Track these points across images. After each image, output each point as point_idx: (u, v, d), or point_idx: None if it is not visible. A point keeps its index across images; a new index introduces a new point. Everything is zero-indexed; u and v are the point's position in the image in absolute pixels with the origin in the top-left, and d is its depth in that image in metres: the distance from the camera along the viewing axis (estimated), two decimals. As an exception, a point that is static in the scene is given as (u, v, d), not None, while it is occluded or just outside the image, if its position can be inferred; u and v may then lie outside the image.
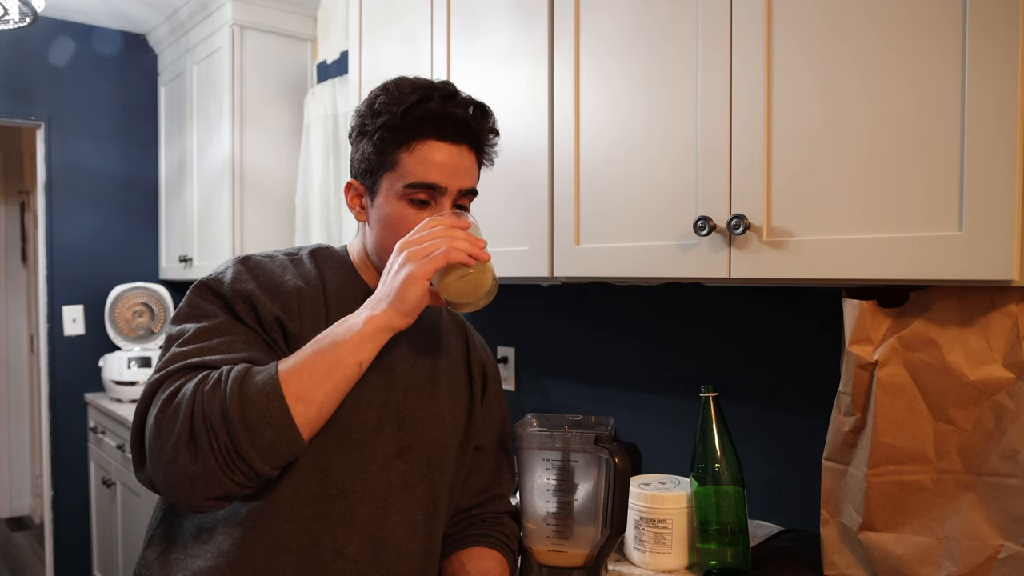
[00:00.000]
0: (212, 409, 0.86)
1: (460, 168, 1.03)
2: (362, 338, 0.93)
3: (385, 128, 1.02)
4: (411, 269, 0.93)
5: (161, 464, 0.88)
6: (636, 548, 1.22)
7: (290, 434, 0.88)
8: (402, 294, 0.93)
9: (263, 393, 0.87)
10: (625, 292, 1.73)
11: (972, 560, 0.98)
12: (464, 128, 1.03)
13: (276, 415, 0.87)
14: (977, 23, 0.88)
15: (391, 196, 1.03)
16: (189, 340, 0.95)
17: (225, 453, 0.86)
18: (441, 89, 1.03)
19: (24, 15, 2.22)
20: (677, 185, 1.20)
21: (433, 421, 1.10)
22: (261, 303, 0.98)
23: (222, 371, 0.89)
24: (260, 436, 0.87)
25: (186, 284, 3.31)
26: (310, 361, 0.91)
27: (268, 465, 0.89)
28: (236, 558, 0.94)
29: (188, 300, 1.00)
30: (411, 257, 0.94)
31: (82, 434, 3.24)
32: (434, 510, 1.10)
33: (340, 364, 0.92)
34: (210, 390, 0.87)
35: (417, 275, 0.93)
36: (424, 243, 0.95)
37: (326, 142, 2.60)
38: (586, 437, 1.20)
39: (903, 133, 0.96)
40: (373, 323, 0.93)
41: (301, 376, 0.90)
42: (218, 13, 2.80)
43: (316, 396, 0.90)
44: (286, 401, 0.88)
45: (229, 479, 0.87)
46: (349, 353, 0.92)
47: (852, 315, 1.05)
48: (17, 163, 4.77)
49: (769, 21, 1.08)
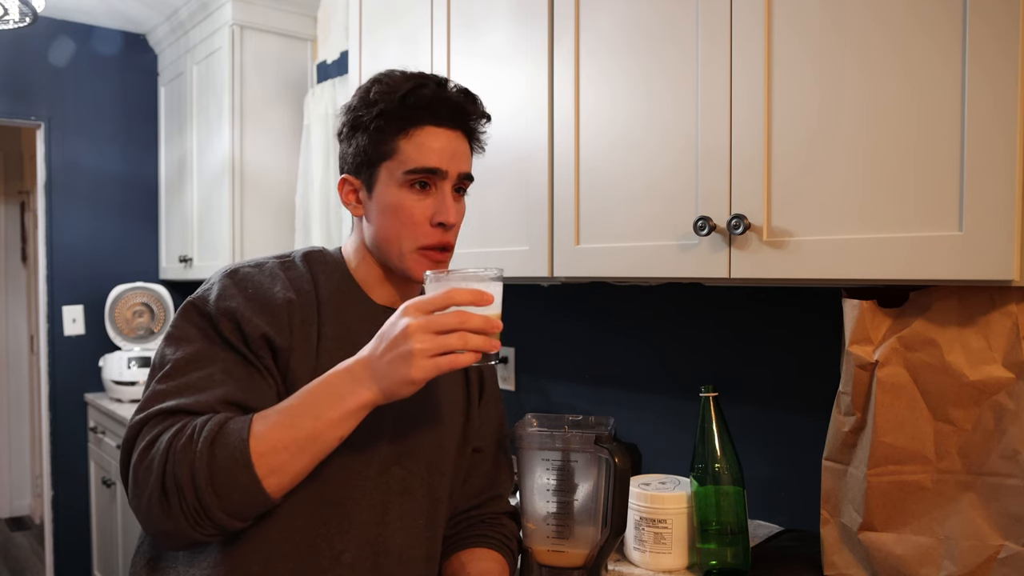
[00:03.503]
0: (182, 471, 0.84)
1: (458, 152, 1.04)
2: (346, 415, 0.87)
3: (382, 116, 1.01)
4: (411, 370, 0.85)
5: (139, 513, 0.88)
6: (636, 548, 1.22)
7: (260, 498, 0.86)
8: (395, 387, 0.87)
9: (232, 460, 0.85)
10: (625, 292, 1.73)
11: (972, 560, 0.98)
12: (459, 113, 1.04)
13: (245, 482, 0.85)
14: (977, 23, 0.88)
15: (391, 184, 1.02)
16: (169, 374, 0.94)
17: (194, 514, 0.85)
18: (433, 77, 1.04)
19: (24, 15, 2.22)
20: (677, 185, 1.20)
21: (431, 425, 1.09)
22: (246, 320, 0.96)
23: (195, 427, 0.87)
24: (228, 500, 0.85)
25: (186, 284, 3.32)
26: (288, 434, 0.86)
27: (238, 522, 0.88)
28: (231, 567, 0.94)
29: (175, 322, 0.99)
30: (416, 351, 0.84)
31: (82, 434, 3.24)
32: (435, 514, 1.09)
33: (319, 439, 0.87)
34: (181, 449, 0.85)
35: (416, 379, 0.85)
36: (436, 333, 0.85)
37: (326, 142, 2.59)
38: (586, 437, 1.20)
39: (903, 133, 0.95)
40: (361, 401, 0.87)
41: (276, 449, 0.86)
42: (218, 13, 2.79)
43: (292, 469, 0.87)
44: (256, 473, 0.85)
45: (200, 534, 0.87)
46: (330, 429, 0.87)
47: (852, 315, 1.05)
48: (17, 163, 4.77)
49: (769, 21, 1.08)
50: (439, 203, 1.02)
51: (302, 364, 0.98)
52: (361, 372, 0.88)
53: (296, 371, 0.97)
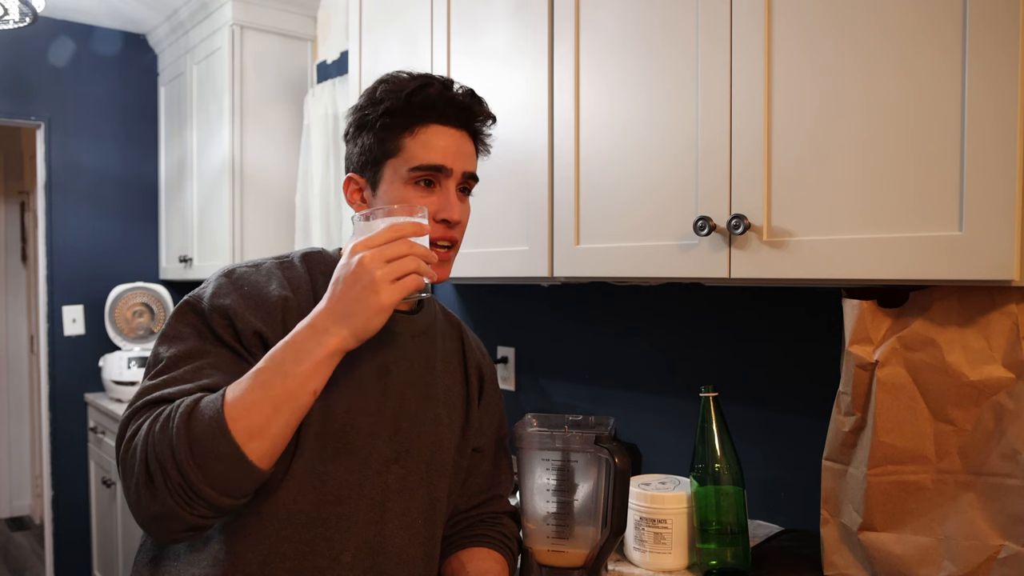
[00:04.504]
0: (162, 450, 0.84)
1: (463, 151, 1.04)
2: (316, 365, 0.87)
3: (388, 114, 1.02)
4: (380, 296, 0.86)
5: (130, 503, 0.88)
6: (636, 548, 1.22)
7: (244, 466, 0.85)
8: (366, 321, 0.87)
9: (209, 430, 0.84)
10: (625, 292, 1.73)
11: (972, 560, 0.98)
12: (464, 113, 1.05)
13: (226, 451, 0.84)
14: (977, 22, 0.88)
15: (396, 182, 1.03)
16: (160, 371, 0.95)
17: (181, 492, 0.84)
18: (439, 78, 1.05)
19: (24, 15, 2.22)
20: (677, 185, 1.20)
21: (430, 425, 1.09)
22: (239, 316, 0.96)
23: (172, 408, 0.87)
24: (212, 472, 0.84)
25: (186, 284, 3.32)
26: (259, 395, 0.86)
27: (227, 497, 0.86)
28: (231, 566, 0.94)
29: (170, 320, 1.00)
30: (379, 278, 0.86)
31: (82, 434, 3.24)
32: (433, 514, 1.10)
33: (292, 396, 0.86)
34: (159, 430, 0.85)
35: (386, 303, 0.86)
36: (392, 260, 0.87)
37: (326, 142, 2.60)
38: (586, 437, 1.20)
39: (903, 133, 0.95)
40: (329, 348, 0.87)
41: (250, 411, 0.85)
42: (218, 13, 2.80)
43: (270, 431, 0.86)
44: (235, 439, 0.84)
45: (190, 515, 0.86)
46: (302, 384, 0.87)
47: (852, 315, 1.05)
48: (17, 163, 4.77)
49: (769, 21, 1.08)
50: (443, 200, 1.02)
51: None
52: (324, 320, 0.88)
53: None
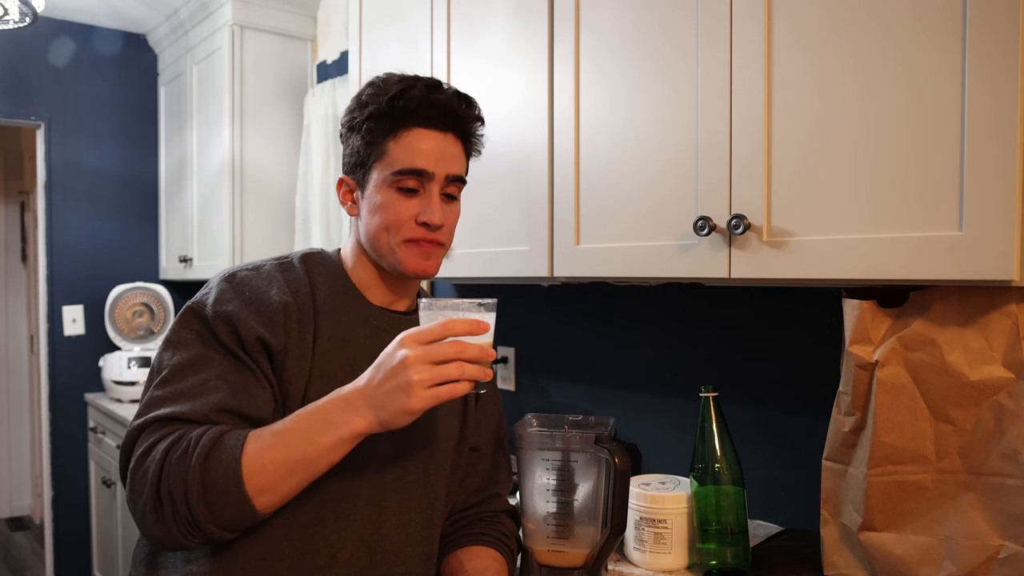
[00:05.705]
0: (175, 484, 0.86)
1: (447, 154, 1.04)
2: (339, 441, 0.88)
3: (372, 119, 1.03)
4: (411, 400, 0.85)
5: (134, 517, 0.91)
6: (636, 548, 1.22)
7: (250, 515, 0.88)
8: (393, 417, 0.87)
9: (224, 478, 0.86)
10: (625, 292, 1.73)
11: (972, 560, 0.98)
12: (449, 116, 1.04)
13: (237, 500, 0.87)
14: (977, 23, 0.88)
15: (380, 185, 1.04)
16: (167, 380, 0.96)
17: (187, 524, 0.87)
18: (425, 80, 1.05)
19: (24, 15, 2.22)
20: (677, 185, 1.20)
21: (428, 424, 1.09)
22: (242, 323, 0.97)
23: (191, 440, 0.89)
24: (220, 515, 0.87)
25: (186, 284, 3.32)
26: (279, 456, 0.88)
27: (228, 533, 0.90)
28: (229, 563, 0.95)
29: (173, 326, 1.01)
30: (415, 382, 0.85)
31: (82, 434, 3.24)
32: (431, 513, 1.10)
33: (310, 464, 0.89)
34: (176, 461, 0.87)
35: (415, 409, 0.86)
36: (434, 364, 0.86)
37: (326, 142, 2.60)
38: (586, 437, 1.20)
39: (903, 133, 0.95)
40: (355, 429, 0.88)
41: (266, 469, 0.87)
42: (218, 13, 2.79)
43: (282, 490, 0.89)
44: (247, 491, 0.87)
45: (190, 542, 0.89)
46: (323, 456, 0.88)
47: (852, 315, 1.05)
48: (17, 163, 4.76)
49: (769, 21, 1.08)
50: (424, 204, 1.03)
51: (298, 365, 0.99)
52: (357, 400, 0.89)
53: (291, 372, 0.99)
